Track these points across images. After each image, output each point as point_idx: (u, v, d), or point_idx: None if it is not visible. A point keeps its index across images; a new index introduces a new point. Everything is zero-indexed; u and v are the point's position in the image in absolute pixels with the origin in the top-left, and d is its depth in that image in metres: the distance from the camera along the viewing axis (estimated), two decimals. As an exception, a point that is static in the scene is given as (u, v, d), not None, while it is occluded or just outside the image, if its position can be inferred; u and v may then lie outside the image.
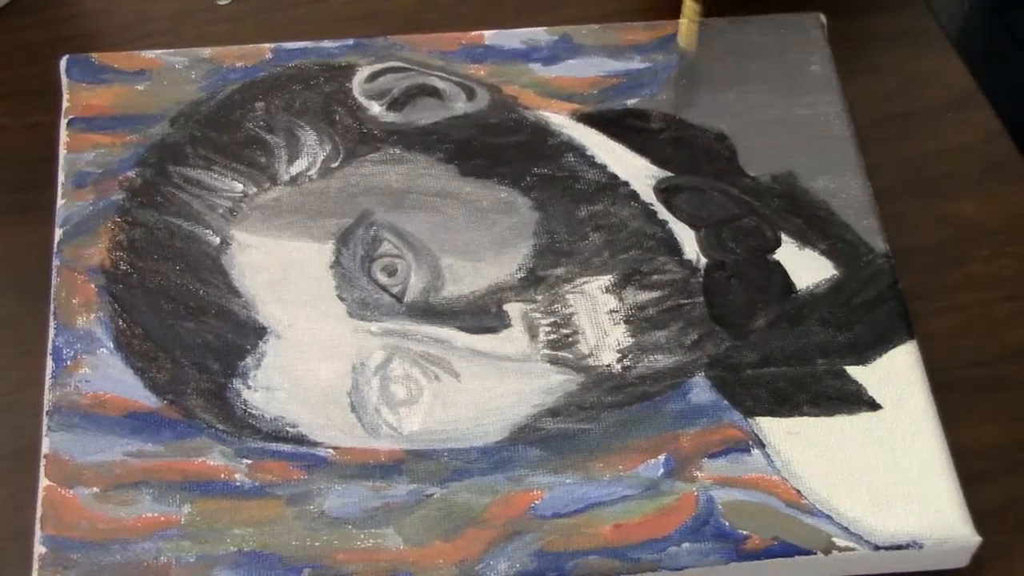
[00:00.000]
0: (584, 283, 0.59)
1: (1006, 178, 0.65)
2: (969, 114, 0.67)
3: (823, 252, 0.60)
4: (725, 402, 0.56)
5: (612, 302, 0.58)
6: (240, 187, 0.61)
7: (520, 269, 0.59)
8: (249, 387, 0.56)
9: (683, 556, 0.53)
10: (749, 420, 0.56)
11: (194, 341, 0.57)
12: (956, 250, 0.63)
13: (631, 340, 0.57)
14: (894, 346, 0.58)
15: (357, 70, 0.65)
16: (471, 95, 0.64)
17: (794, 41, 0.66)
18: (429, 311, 0.58)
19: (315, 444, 0.55)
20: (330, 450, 0.55)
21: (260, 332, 0.57)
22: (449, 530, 0.53)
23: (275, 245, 0.59)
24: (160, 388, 0.55)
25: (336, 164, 0.61)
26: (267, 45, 0.65)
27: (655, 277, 0.59)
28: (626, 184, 0.62)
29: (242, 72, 0.64)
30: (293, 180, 0.61)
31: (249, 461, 0.54)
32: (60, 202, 0.60)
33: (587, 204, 0.61)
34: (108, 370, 0.56)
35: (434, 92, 0.64)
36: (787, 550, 0.53)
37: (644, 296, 0.59)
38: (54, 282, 0.58)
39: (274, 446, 0.55)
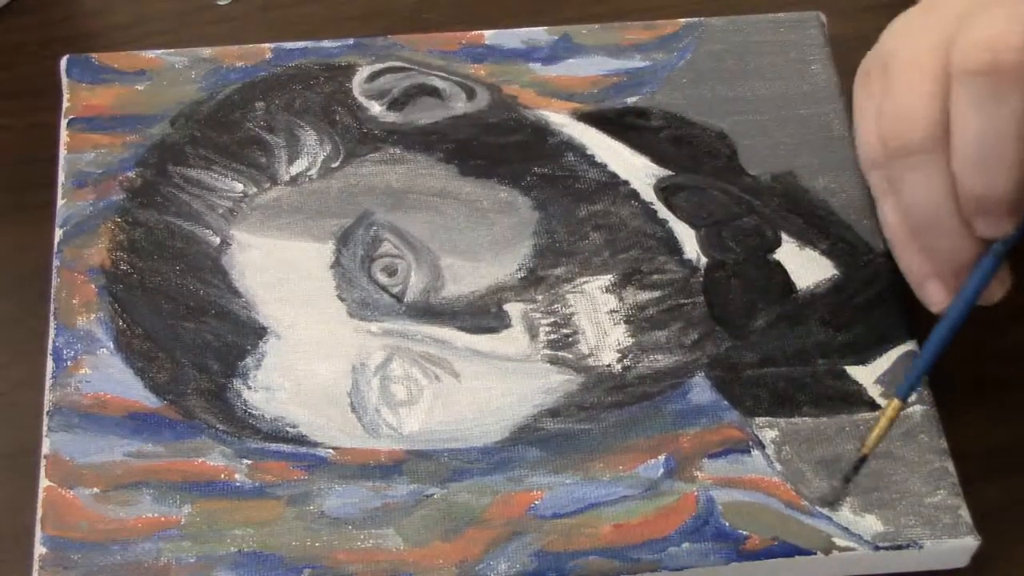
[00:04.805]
0: (584, 283, 0.59)
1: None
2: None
3: (823, 252, 0.60)
4: (725, 402, 0.56)
5: (612, 302, 0.58)
6: (240, 187, 0.61)
7: (520, 269, 0.59)
8: (249, 387, 0.56)
9: (683, 556, 0.53)
10: (749, 421, 0.56)
11: (194, 341, 0.57)
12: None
13: (631, 340, 0.57)
14: (894, 346, 0.58)
15: (357, 70, 0.64)
16: (471, 95, 0.64)
17: (794, 41, 0.66)
18: (429, 311, 0.58)
19: (315, 444, 0.55)
20: (330, 450, 0.55)
21: (260, 332, 0.57)
22: (449, 530, 0.53)
23: (275, 245, 0.59)
24: (160, 388, 0.55)
25: (336, 164, 0.61)
26: (267, 45, 0.65)
27: (655, 277, 0.59)
28: (626, 183, 0.62)
29: (242, 72, 0.64)
30: (293, 180, 0.61)
31: (249, 461, 0.54)
32: (60, 202, 0.60)
33: (587, 203, 0.61)
34: (108, 370, 0.56)
35: (434, 92, 0.64)
36: (787, 550, 0.53)
37: (644, 296, 0.59)
38: (54, 282, 0.58)
39: (274, 446, 0.55)
